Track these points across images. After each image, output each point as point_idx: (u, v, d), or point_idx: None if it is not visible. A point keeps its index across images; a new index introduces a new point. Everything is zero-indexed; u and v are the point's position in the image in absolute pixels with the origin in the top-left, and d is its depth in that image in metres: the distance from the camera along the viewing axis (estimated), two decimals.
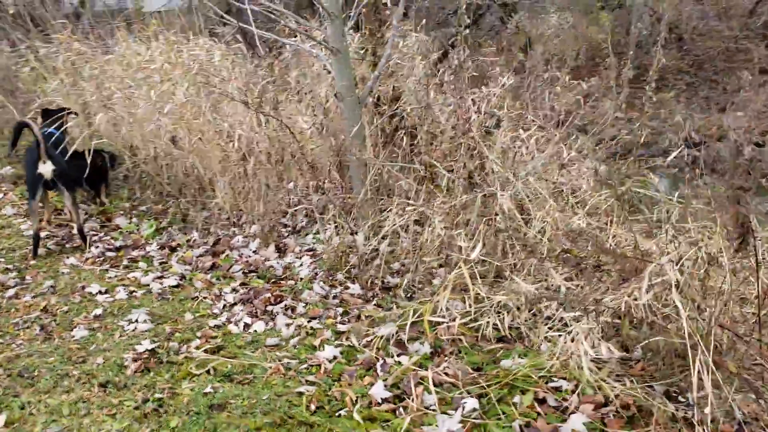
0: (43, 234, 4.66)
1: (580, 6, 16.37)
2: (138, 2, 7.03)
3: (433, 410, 2.48)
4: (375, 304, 3.46)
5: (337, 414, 2.50)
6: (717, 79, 13.86)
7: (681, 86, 14.35)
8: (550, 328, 2.94)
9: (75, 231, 4.55)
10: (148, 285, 3.79)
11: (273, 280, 3.79)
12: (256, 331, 3.21)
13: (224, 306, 3.49)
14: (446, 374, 2.69)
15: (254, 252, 4.16)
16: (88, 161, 4.82)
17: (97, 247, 4.43)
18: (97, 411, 2.57)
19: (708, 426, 2.17)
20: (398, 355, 2.87)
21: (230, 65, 5.09)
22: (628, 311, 2.40)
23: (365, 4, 4.14)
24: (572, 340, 2.65)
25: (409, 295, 3.47)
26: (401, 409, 2.50)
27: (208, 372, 2.83)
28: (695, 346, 2.27)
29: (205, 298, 3.60)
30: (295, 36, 4.58)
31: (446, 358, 2.81)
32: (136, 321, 3.32)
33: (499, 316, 3.09)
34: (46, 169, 4.36)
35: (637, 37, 15.71)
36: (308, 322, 3.27)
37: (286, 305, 3.45)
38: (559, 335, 2.78)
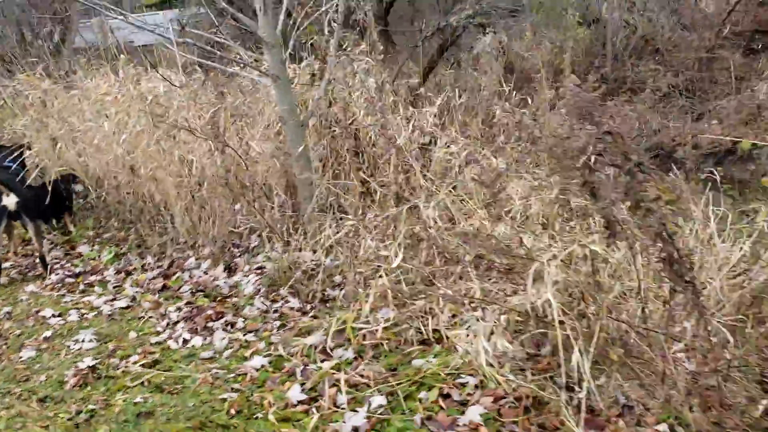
0: (7, 264, 4.85)
1: (557, 22, 16.64)
2: (106, 40, 7.29)
3: (344, 409, 2.64)
4: (312, 316, 3.63)
5: (254, 417, 2.67)
6: (693, 88, 14.07)
7: (657, 97, 14.56)
8: (468, 329, 3.10)
9: (38, 259, 4.75)
10: (99, 307, 3.96)
11: (219, 299, 3.97)
12: (193, 345, 3.39)
13: (168, 324, 3.66)
14: (361, 376, 2.85)
15: (205, 272, 4.34)
16: (48, 191, 5.04)
17: (57, 273, 4.61)
18: (32, 424, 2.74)
19: (583, 410, 2.33)
20: (322, 362, 3.03)
21: (185, 95, 5.30)
22: (512, 308, 2.58)
23: (299, 34, 4.36)
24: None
25: (344, 306, 3.64)
26: (314, 410, 2.67)
27: (142, 384, 3.00)
28: (577, 338, 2.45)
29: (151, 317, 3.78)
30: (243, 65, 4.80)
31: (364, 362, 2.98)
32: (83, 341, 3.49)
33: (422, 320, 3.27)
34: (9, 201, 4.58)
35: (613, 50, 15.98)
36: (244, 335, 3.44)
37: (226, 321, 3.62)
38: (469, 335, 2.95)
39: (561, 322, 2.65)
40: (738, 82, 10.81)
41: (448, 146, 4.22)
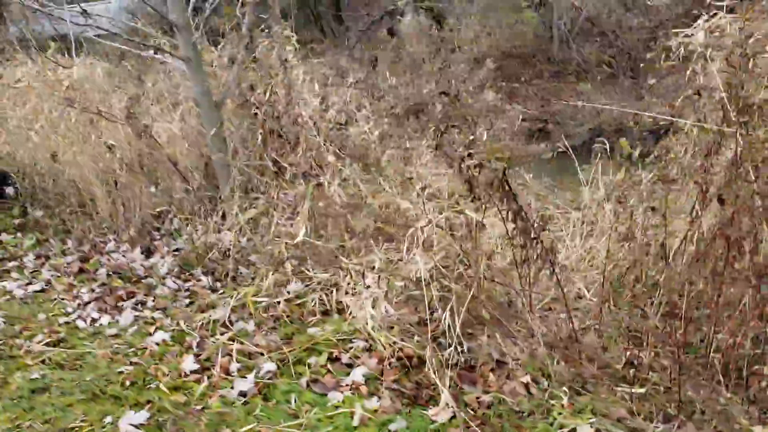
0: None
1: (506, 6, 16.88)
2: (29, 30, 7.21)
3: (234, 376, 2.73)
4: (221, 293, 3.70)
5: (147, 387, 2.74)
6: (637, 68, 14.44)
7: (601, 77, 14.91)
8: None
9: None
10: (12, 291, 3.96)
11: (134, 280, 4.01)
12: (101, 324, 3.43)
13: (78, 305, 3.69)
14: (256, 345, 2.94)
15: (123, 255, 4.37)
16: None
17: None
18: None
19: (451, 365, 2.46)
20: (222, 334, 3.11)
21: (108, 81, 5.30)
22: (398, 275, 2.69)
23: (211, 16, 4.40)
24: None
25: (251, 283, 3.72)
26: (205, 378, 2.75)
27: (43, 362, 3.04)
28: (449, 299, 2.57)
29: (63, 299, 3.80)
30: (155, 49, 4.81)
31: (261, 332, 3.07)
32: None
33: (326, 292, 3.37)
34: None
35: (559, 33, 16.25)
36: (152, 313, 3.49)
37: (137, 300, 3.67)
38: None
39: (444, 285, 2.79)
40: (680, 62, 11.11)
41: (364, 125, 4.32)
